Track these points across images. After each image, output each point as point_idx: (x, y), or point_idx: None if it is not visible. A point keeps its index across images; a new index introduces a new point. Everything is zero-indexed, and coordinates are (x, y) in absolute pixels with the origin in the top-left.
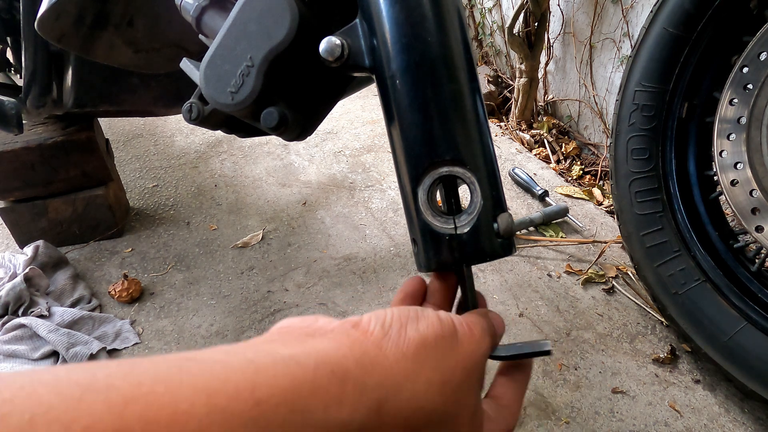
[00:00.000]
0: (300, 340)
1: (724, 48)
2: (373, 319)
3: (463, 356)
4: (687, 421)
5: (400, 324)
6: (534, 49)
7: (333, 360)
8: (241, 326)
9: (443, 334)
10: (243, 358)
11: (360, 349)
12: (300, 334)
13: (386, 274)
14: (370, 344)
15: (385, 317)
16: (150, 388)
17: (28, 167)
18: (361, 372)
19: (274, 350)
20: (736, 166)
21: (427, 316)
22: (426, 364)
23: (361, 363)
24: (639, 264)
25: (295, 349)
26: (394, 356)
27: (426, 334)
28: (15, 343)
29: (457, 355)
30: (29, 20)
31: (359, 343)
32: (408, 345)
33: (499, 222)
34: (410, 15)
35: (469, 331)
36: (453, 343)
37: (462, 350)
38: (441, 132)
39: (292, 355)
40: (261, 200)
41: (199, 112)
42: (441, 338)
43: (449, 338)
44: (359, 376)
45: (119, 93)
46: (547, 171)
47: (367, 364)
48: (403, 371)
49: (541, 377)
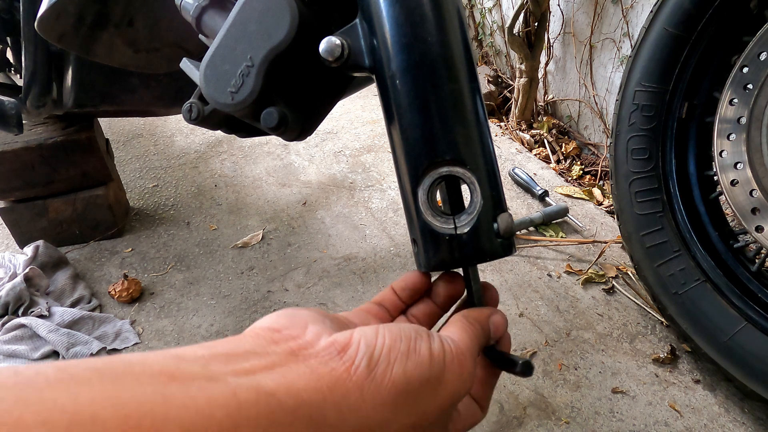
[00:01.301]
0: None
1: (724, 48)
2: (362, 347)
3: (444, 398)
4: (687, 421)
5: (388, 361)
6: (534, 49)
7: (313, 403)
8: (241, 326)
9: (429, 377)
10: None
11: (340, 391)
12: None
13: (386, 274)
14: (351, 385)
15: (375, 347)
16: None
17: (28, 167)
18: (339, 420)
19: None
20: (736, 166)
21: (419, 352)
22: (403, 410)
23: (339, 409)
24: (639, 264)
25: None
26: (373, 403)
27: (411, 377)
28: (15, 343)
29: (438, 397)
30: (29, 20)
31: (342, 382)
32: (390, 390)
33: (499, 222)
34: (410, 15)
35: (459, 369)
36: (437, 386)
37: (444, 392)
38: (441, 132)
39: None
40: (261, 200)
41: (199, 112)
42: (426, 382)
43: (434, 381)
44: (336, 424)
45: (119, 93)
46: (547, 171)
47: (345, 410)
48: (378, 419)
49: (541, 377)
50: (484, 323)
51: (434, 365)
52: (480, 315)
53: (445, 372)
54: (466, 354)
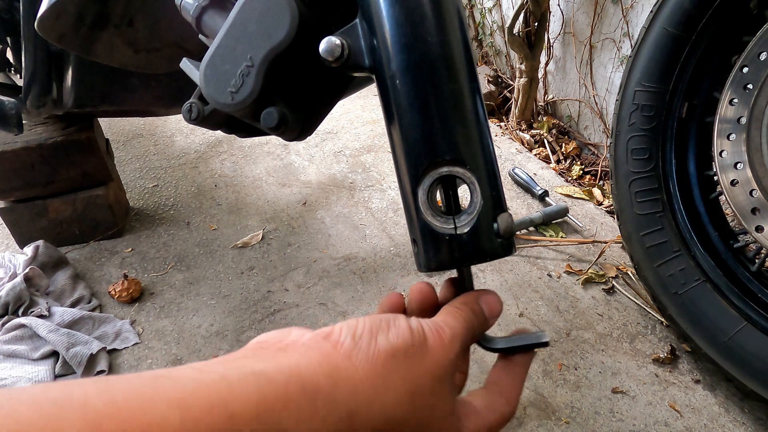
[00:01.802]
0: (272, 356)
1: (724, 48)
2: (344, 330)
3: (432, 364)
4: (687, 421)
5: (370, 334)
6: (534, 49)
7: (303, 375)
8: (241, 326)
9: (413, 343)
10: (215, 374)
11: (330, 363)
12: (272, 349)
13: (386, 274)
14: (340, 357)
15: (356, 327)
16: (124, 404)
17: (28, 167)
18: (332, 386)
19: (245, 366)
20: (736, 166)
21: (398, 326)
22: (395, 374)
23: (331, 377)
24: (639, 264)
25: (266, 365)
26: (364, 369)
27: (396, 344)
28: (15, 343)
29: (427, 363)
30: (29, 20)
31: (329, 356)
32: (377, 356)
33: (499, 222)
34: (410, 15)
35: (440, 339)
36: (422, 352)
37: (431, 358)
38: (441, 132)
39: (263, 371)
40: (261, 200)
41: (199, 112)
42: (411, 347)
43: (418, 347)
44: (329, 391)
45: (119, 93)
46: (547, 171)
47: (337, 378)
48: (372, 384)
49: (541, 377)
50: (473, 305)
51: (415, 334)
52: (467, 298)
53: (427, 340)
54: (445, 328)
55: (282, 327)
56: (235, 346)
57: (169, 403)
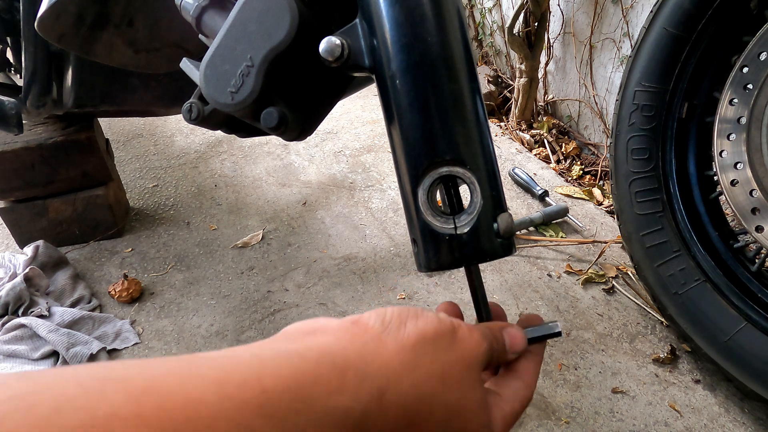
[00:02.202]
0: (302, 338)
1: (724, 48)
2: (373, 316)
3: (462, 353)
4: (687, 421)
5: (399, 320)
6: (534, 49)
7: (334, 352)
8: (241, 326)
9: (442, 331)
10: (248, 353)
11: (360, 341)
12: (302, 333)
13: (386, 274)
14: (369, 337)
15: (385, 314)
16: (163, 380)
17: (28, 167)
18: (362, 362)
19: (276, 346)
20: (736, 166)
21: (426, 315)
22: (425, 356)
23: (361, 354)
24: (639, 264)
25: (297, 345)
26: (394, 348)
27: (425, 329)
28: (15, 343)
29: (456, 351)
30: (29, 20)
31: (359, 336)
32: (407, 338)
33: (499, 222)
34: (410, 15)
35: (468, 333)
36: (451, 340)
37: (460, 347)
38: (441, 132)
39: (294, 349)
40: (261, 200)
41: (199, 112)
42: (439, 335)
43: (447, 335)
44: (360, 366)
45: (119, 93)
46: (547, 171)
47: (367, 354)
48: (402, 361)
49: (541, 377)
50: (497, 333)
51: (443, 323)
52: (492, 325)
53: (456, 332)
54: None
55: (282, 327)
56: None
57: (204, 380)
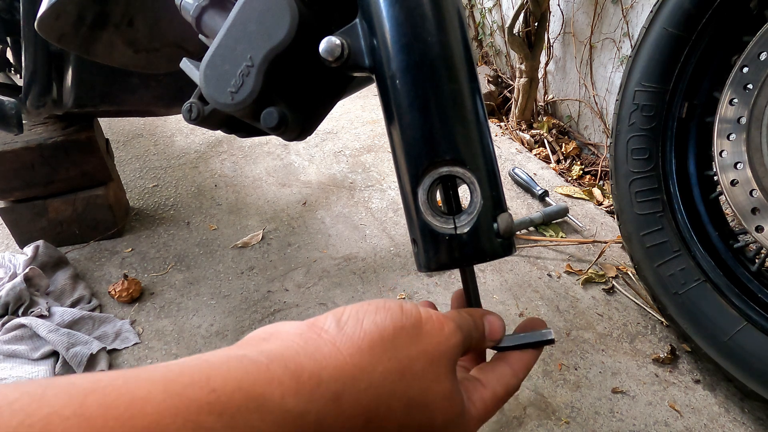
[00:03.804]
0: (256, 344)
1: (724, 48)
2: (329, 318)
3: (425, 346)
4: (687, 421)
5: (356, 320)
6: (534, 49)
7: (286, 356)
8: (241, 326)
9: (403, 324)
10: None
11: (313, 346)
12: (258, 339)
13: (386, 274)
14: (323, 342)
15: (342, 315)
16: (108, 382)
17: (28, 167)
18: (316, 366)
19: (227, 352)
20: (736, 166)
21: (387, 309)
22: (383, 354)
23: (314, 358)
24: (639, 264)
25: (248, 350)
26: (348, 351)
27: (384, 326)
28: (15, 343)
29: (419, 345)
30: (29, 20)
31: (313, 341)
32: (363, 339)
33: (499, 222)
34: (410, 15)
35: (438, 324)
36: (415, 334)
37: (425, 341)
38: (441, 132)
39: (244, 354)
40: (261, 200)
41: (199, 112)
42: (400, 329)
43: (410, 328)
44: (314, 371)
45: (119, 93)
46: (547, 171)
47: (321, 359)
48: (358, 364)
49: (541, 377)
50: (478, 319)
51: (406, 314)
52: (473, 311)
53: (421, 323)
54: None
55: None
56: None
57: (150, 380)
